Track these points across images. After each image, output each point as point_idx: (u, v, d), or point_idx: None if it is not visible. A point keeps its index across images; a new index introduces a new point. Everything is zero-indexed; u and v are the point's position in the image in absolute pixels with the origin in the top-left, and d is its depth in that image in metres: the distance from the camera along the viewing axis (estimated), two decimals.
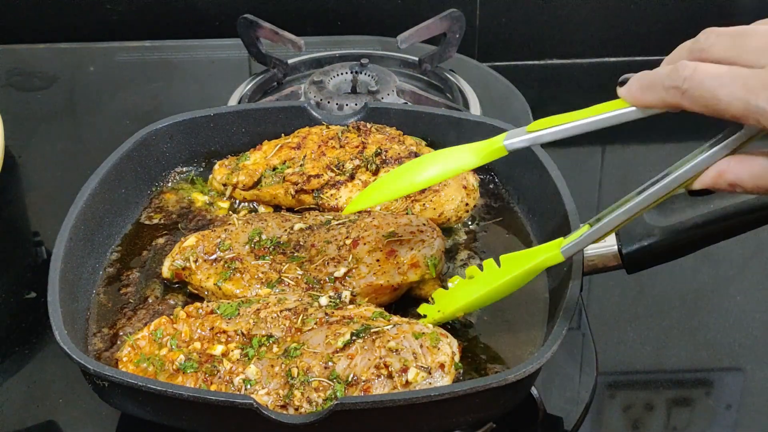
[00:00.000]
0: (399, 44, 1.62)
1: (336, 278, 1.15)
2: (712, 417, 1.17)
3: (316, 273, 1.16)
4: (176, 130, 1.36)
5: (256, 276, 1.16)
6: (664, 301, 1.31)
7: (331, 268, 1.16)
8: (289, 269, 1.17)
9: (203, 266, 1.17)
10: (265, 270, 1.17)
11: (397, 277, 1.15)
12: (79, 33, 1.85)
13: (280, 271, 1.16)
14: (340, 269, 1.15)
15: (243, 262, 1.17)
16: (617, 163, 1.60)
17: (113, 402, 1.05)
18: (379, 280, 1.15)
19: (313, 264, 1.17)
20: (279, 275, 1.16)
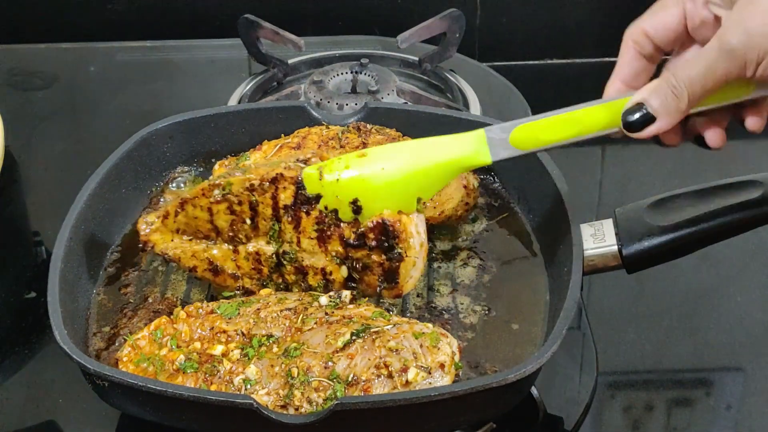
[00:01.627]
0: (399, 44, 1.62)
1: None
2: (712, 417, 1.17)
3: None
4: (176, 130, 1.36)
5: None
6: (664, 301, 1.31)
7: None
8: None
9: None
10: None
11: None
12: (79, 33, 1.85)
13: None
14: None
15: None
16: (617, 163, 1.60)
17: (113, 402, 1.05)
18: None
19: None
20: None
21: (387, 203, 1.09)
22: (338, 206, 1.09)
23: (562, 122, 1.05)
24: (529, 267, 1.22)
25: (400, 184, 1.08)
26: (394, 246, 1.10)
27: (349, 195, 1.08)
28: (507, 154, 1.07)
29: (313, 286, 1.14)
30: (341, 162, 1.09)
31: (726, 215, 1.11)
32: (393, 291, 1.13)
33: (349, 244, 1.11)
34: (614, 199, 1.51)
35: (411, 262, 1.11)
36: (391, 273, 1.11)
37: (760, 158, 1.60)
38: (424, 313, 1.16)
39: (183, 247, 1.17)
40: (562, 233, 1.16)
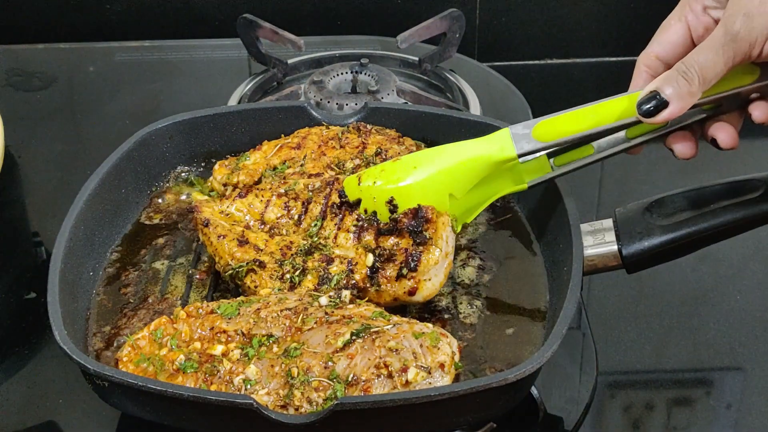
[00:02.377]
0: (399, 44, 1.62)
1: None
2: (712, 417, 1.17)
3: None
4: (176, 130, 1.36)
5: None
6: (664, 301, 1.31)
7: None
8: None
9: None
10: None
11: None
12: (78, 33, 1.85)
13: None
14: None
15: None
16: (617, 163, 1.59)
17: (113, 402, 1.05)
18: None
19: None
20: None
21: (420, 199, 1.14)
22: (376, 207, 1.15)
23: (581, 114, 1.11)
24: (529, 267, 1.22)
25: (432, 182, 1.14)
26: (422, 229, 1.13)
27: (385, 196, 1.15)
28: (530, 146, 1.12)
29: (330, 275, 1.15)
30: (378, 167, 1.17)
31: (726, 215, 1.11)
32: (409, 284, 1.13)
33: (382, 232, 1.15)
34: (614, 199, 1.51)
35: (434, 257, 1.13)
36: (413, 257, 1.13)
37: (760, 158, 1.60)
38: (424, 313, 1.16)
39: (223, 222, 1.21)
40: (562, 233, 1.16)
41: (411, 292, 1.13)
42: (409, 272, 1.13)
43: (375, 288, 1.14)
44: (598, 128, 1.10)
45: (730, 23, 1.00)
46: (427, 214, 1.13)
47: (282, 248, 1.17)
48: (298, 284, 1.14)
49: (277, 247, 1.17)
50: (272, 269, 1.15)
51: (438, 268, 1.14)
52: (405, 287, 1.13)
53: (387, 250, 1.14)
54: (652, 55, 1.11)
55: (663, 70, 1.10)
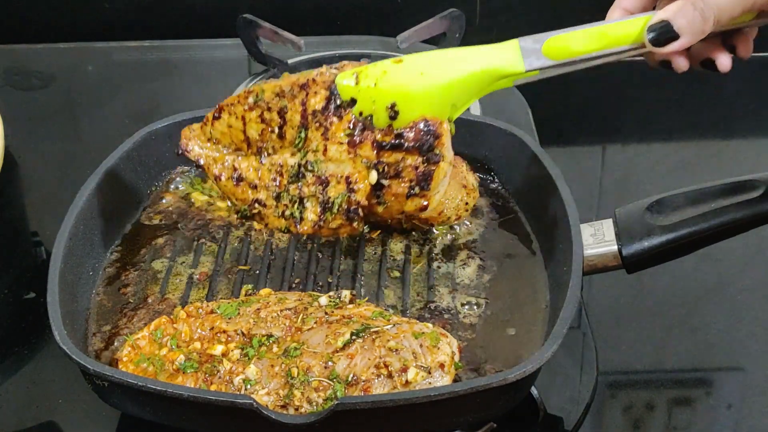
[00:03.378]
0: (399, 44, 1.62)
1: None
2: (712, 417, 1.17)
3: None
4: (176, 130, 1.35)
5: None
6: (664, 301, 1.31)
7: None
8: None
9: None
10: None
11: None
12: (77, 33, 1.85)
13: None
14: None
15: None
16: (617, 163, 1.60)
17: (113, 402, 1.05)
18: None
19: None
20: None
21: (424, 109, 1.08)
22: (374, 112, 1.08)
23: (591, 34, 1.09)
24: (529, 267, 1.22)
25: (438, 90, 1.09)
26: (433, 147, 1.08)
27: (386, 100, 1.08)
28: (540, 63, 1.09)
29: (331, 200, 1.11)
30: (378, 68, 1.09)
31: (726, 215, 1.11)
32: (420, 201, 1.09)
33: (384, 147, 1.08)
34: (614, 199, 1.51)
35: (443, 171, 1.09)
36: (425, 177, 1.08)
37: (760, 158, 1.60)
38: (424, 313, 1.16)
39: (214, 156, 1.17)
40: (562, 233, 1.16)
41: (423, 209, 1.10)
42: (420, 191, 1.09)
43: (382, 207, 1.10)
44: (609, 50, 1.08)
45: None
46: (437, 130, 1.08)
47: (274, 175, 1.13)
48: (301, 220, 1.12)
49: (269, 175, 1.13)
50: (272, 206, 1.13)
51: (445, 180, 1.11)
52: (416, 204, 1.10)
53: (392, 166, 1.09)
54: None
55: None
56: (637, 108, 1.72)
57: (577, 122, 1.68)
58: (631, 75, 1.79)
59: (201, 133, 1.18)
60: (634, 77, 1.78)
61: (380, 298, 1.18)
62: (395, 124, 1.08)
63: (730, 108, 1.70)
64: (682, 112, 1.71)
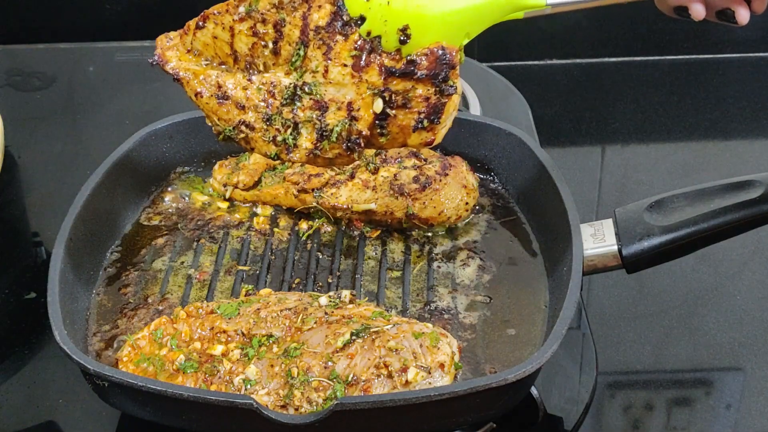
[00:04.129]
0: None
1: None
2: (712, 417, 1.17)
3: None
4: (176, 130, 1.36)
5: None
6: (664, 301, 1.31)
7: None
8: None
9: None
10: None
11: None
12: (78, 33, 1.85)
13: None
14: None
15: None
16: (617, 163, 1.60)
17: (113, 402, 1.05)
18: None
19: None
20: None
21: (437, 35, 1.00)
22: (383, 32, 0.99)
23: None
24: (529, 267, 1.22)
25: (456, 16, 1.01)
26: (448, 77, 1.00)
27: (399, 21, 0.99)
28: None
29: (327, 127, 1.02)
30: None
31: (726, 215, 1.11)
32: (428, 135, 1.01)
33: (393, 73, 0.99)
34: (614, 199, 1.51)
35: (455, 103, 1.01)
36: (436, 109, 0.99)
37: (760, 158, 1.60)
38: (424, 313, 1.16)
39: (195, 69, 1.06)
40: (562, 233, 1.16)
41: (429, 143, 1.02)
42: (429, 124, 1.01)
43: (385, 138, 1.02)
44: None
45: None
46: (453, 59, 0.99)
47: (264, 95, 1.03)
48: (294, 147, 1.03)
49: (259, 95, 1.03)
50: (262, 129, 1.03)
51: (454, 113, 1.03)
52: (423, 138, 1.01)
53: (400, 95, 1.00)
54: None
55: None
56: (637, 108, 1.71)
57: (577, 122, 1.68)
58: (631, 75, 1.79)
59: (180, 43, 1.06)
60: (634, 77, 1.78)
61: (380, 298, 1.18)
62: (405, 49, 0.99)
63: (729, 108, 1.70)
64: (681, 112, 1.71)
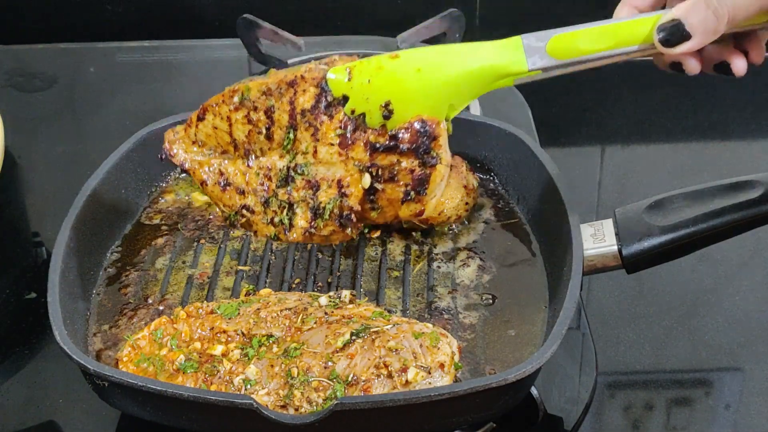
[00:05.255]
0: (399, 44, 1.62)
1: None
2: (712, 417, 1.17)
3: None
4: None
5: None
6: (664, 301, 1.31)
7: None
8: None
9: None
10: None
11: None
12: (79, 33, 1.85)
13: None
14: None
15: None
16: (617, 163, 1.60)
17: (113, 402, 1.05)
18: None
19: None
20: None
21: (420, 108, 1.02)
22: (367, 110, 1.02)
23: (598, 33, 1.04)
24: (529, 267, 1.22)
25: (436, 89, 1.03)
26: (430, 149, 1.03)
27: (381, 97, 1.02)
28: (543, 63, 1.04)
29: (322, 205, 1.06)
30: (372, 63, 1.04)
31: (726, 215, 1.11)
32: (416, 206, 1.04)
33: (377, 149, 1.02)
34: (614, 199, 1.51)
35: (441, 174, 1.03)
36: (421, 181, 1.03)
37: (760, 158, 1.60)
38: (424, 313, 1.16)
39: (199, 160, 1.11)
40: (562, 233, 1.16)
41: (419, 214, 1.05)
42: (416, 195, 1.04)
43: (376, 212, 1.05)
44: (615, 51, 1.03)
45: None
46: (434, 131, 1.02)
47: (262, 179, 1.08)
48: (290, 226, 1.07)
49: (257, 179, 1.08)
50: (260, 212, 1.08)
51: (443, 183, 1.05)
52: (412, 210, 1.05)
53: (386, 169, 1.04)
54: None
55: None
56: (637, 108, 1.72)
57: (577, 122, 1.68)
58: (631, 75, 1.79)
59: (185, 136, 1.12)
60: (634, 78, 1.78)
61: (380, 298, 1.18)
62: (389, 123, 1.02)
63: (729, 108, 1.70)
64: (681, 112, 1.71)
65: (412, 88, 1.02)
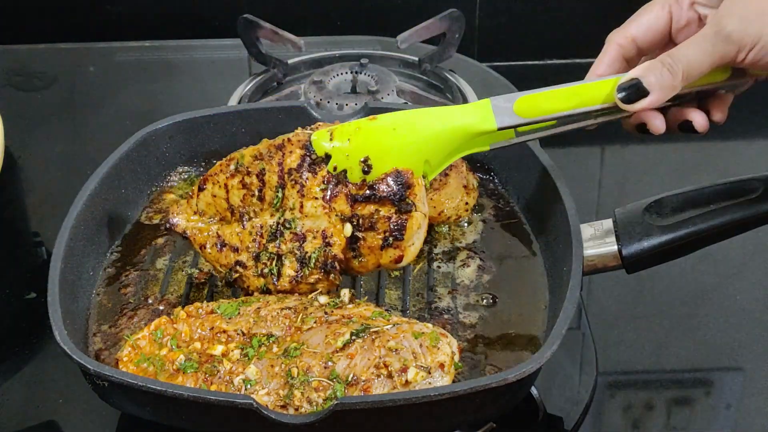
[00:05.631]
0: (399, 44, 1.62)
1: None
2: (712, 417, 1.17)
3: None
4: (176, 130, 1.36)
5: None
6: (664, 301, 1.31)
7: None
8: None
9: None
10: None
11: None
12: (78, 33, 1.85)
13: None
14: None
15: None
16: (617, 163, 1.60)
17: (113, 402, 1.05)
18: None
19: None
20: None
21: (396, 162, 1.09)
22: (348, 166, 1.10)
23: (562, 94, 1.10)
24: (529, 267, 1.22)
25: (411, 145, 1.10)
26: (405, 196, 1.09)
27: (360, 154, 1.09)
28: (511, 121, 1.10)
29: (308, 254, 1.12)
30: (352, 125, 1.11)
31: (725, 215, 1.11)
32: (395, 252, 1.10)
33: (357, 200, 1.10)
34: (614, 199, 1.51)
35: (417, 221, 1.10)
36: (398, 228, 1.09)
37: (760, 158, 1.60)
38: (424, 313, 1.16)
39: (200, 227, 1.18)
40: (562, 233, 1.16)
41: (398, 260, 1.11)
42: (394, 241, 1.10)
43: (357, 258, 1.12)
44: (579, 110, 1.09)
45: (723, 23, 1.01)
46: (409, 180, 1.09)
47: (255, 237, 1.14)
48: (279, 276, 1.13)
49: (250, 237, 1.15)
50: (252, 267, 1.14)
51: (420, 232, 1.12)
52: (391, 256, 1.11)
53: (366, 219, 1.10)
54: (628, 35, 1.12)
55: (634, 51, 1.12)
56: None
57: None
58: None
59: (187, 207, 1.20)
60: None
61: (380, 297, 1.18)
62: (368, 177, 1.10)
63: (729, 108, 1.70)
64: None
65: (389, 145, 1.09)
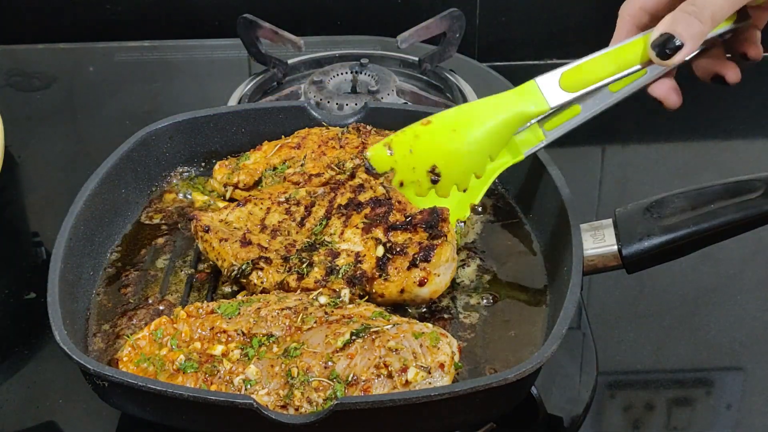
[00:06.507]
0: (399, 44, 1.62)
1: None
2: (712, 417, 1.17)
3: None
4: (176, 130, 1.36)
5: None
6: (664, 301, 1.31)
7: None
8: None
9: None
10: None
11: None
12: (78, 33, 1.85)
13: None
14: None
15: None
16: (617, 163, 1.60)
17: (113, 402, 1.05)
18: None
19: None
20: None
21: (464, 166, 1.08)
22: (415, 180, 1.09)
23: (602, 60, 1.09)
24: (529, 267, 1.22)
25: (474, 144, 1.09)
26: (439, 225, 1.12)
27: (426, 163, 1.08)
28: (562, 98, 1.10)
29: (337, 266, 1.13)
30: (408, 133, 1.09)
31: (726, 215, 1.11)
32: (420, 274, 1.12)
33: (395, 227, 1.12)
34: (614, 199, 1.51)
35: (447, 251, 1.12)
36: (428, 249, 1.11)
37: (760, 158, 1.60)
38: (424, 313, 1.16)
39: (223, 228, 1.20)
40: (562, 233, 1.16)
41: (421, 283, 1.12)
42: (421, 262, 1.11)
43: (384, 277, 1.12)
44: (620, 73, 1.09)
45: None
46: (444, 215, 1.11)
47: (286, 246, 1.16)
48: (306, 275, 1.13)
49: (281, 245, 1.16)
50: (278, 264, 1.15)
51: (447, 267, 1.13)
52: (416, 276, 1.11)
53: (399, 245, 1.13)
54: (637, 5, 1.11)
55: (646, 19, 1.11)
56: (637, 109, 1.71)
57: None
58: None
59: (217, 213, 1.23)
60: None
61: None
62: (437, 188, 1.11)
63: (729, 108, 1.70)
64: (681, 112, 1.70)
65: (453, 148, 1.08)
